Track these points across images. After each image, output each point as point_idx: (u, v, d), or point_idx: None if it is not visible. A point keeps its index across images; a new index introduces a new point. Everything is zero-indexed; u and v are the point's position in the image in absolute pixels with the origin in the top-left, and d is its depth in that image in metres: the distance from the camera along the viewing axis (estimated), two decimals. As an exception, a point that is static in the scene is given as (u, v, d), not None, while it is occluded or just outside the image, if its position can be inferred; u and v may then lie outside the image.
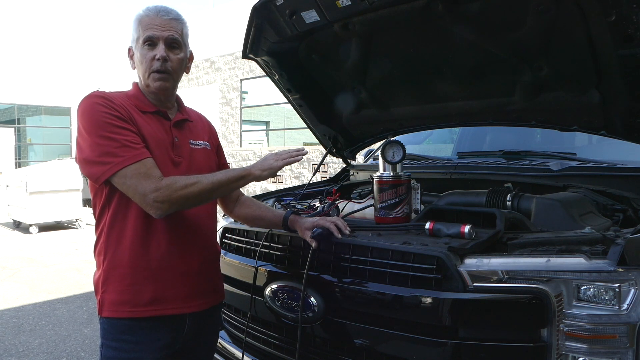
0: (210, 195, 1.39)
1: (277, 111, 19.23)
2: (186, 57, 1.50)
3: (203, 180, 1.33)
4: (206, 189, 1.33)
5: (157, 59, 1.39)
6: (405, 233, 1.58)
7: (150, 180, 1.28)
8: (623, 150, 2.06)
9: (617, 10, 1.40)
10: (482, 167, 2.22)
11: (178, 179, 1.31)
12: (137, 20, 1.43)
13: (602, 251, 1.22)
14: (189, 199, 1.32)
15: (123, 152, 1.28)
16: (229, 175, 1.38)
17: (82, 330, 3.88)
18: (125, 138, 1.30)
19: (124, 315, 1.37)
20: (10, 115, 19.68)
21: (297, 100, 2.46)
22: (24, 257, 6.60)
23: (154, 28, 1.39)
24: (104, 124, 1.30)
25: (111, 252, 1.38)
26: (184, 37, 1.47)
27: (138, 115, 1.40)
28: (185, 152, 1.47)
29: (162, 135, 1.43)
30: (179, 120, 1.51)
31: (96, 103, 1.33)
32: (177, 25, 1.44)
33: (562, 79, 1.83)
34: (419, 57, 2.03)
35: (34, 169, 9.47)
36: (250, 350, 1.84)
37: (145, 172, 1.28)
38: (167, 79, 1.43)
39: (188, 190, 1.30)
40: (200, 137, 1.56)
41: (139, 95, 1.46)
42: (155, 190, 1.27)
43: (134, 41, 1.44)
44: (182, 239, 1.43)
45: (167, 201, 1.28)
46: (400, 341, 1.38)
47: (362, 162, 3.16)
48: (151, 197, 1.27)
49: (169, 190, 1.28)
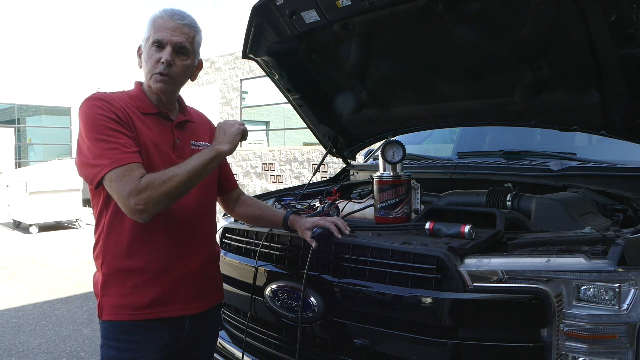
0: (190, 184, 1.33)
1: (277, 111, 19.22)
2: (193, 65, 1.48)
3: (178, 171, 1.28)
4: (184, 179, 1.28)
5: (162, 62, 1.38)
6: (405, 233, 1.58)
7: (131, 183, 1.24)
8: (623, 150, 2.06)
9: (617, 10, 1.40)
10: (482, 167, 2.22)
11: (154, 176, 1.26)
12: (151, 20, 1.41)
13: (602, 251, 1.22)
14: (170, 194, 1.27)
15: (112, 155, 1.26)
16: (202, 160, 1.33)
17: (82, 330, 3.88)
18: (117, 141, 1.28)
19: (125, 319, 1.36)
20: (10, 115, 19.68)
21: (297, 100, 2.46)
22: (24, 257, 6.60)
23: (164, 31, 1.38)
24: (99, 126, 1.29)
25: (110, 255, 1.38)
26: (194, 45, 1.44)
27: (137, 118, 1.39)
28: (187, 154, 1.46)
29: (163, 137, 1.43)
30: (181, 121, 1.50)
31: (94, 105, 1.32)
32: (189, 32, 1.42)
33: (562, 79, 1.83)
34: (419, 57, 2.03)
35: (34, 169, 9.48)
36: (250, 350, 1.84)
37: (128, 176, 1.24)
38: (168, 82, 1.41)
39: (168, 186, 1.25)
40: (201, 138, 1.56)
41: (141, 96, 1.45)
42: (136, 192, 1.23)
43: (145, 40, 1.43)
44: (182, 240, 1.42)
45: (150, 202, 1.24)
46: (400, 341, 1.38)
47: (362, 162, 3.16)
48: (132, 201, 1.23)
49: (149, 191, 1.23)
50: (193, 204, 1.45)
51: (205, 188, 1.50)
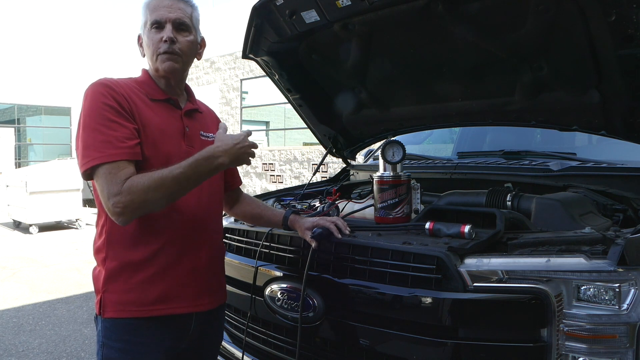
0: (180, 193, 1.26)
1: (277, 111, 19.23)
2: (196, 41, 1.43)
3: (167, 178, 1.19)
4: (172, 188, 1.21)
5: (165, 41, 1.33)
6: (405, 233, 1.58)
7: (115, 184, 1.18)
8: (623, 150, 2.06)
9: (617, 10, 1.40)
10: (482, 167, 2.22)
11: (139, 180, 1.18)
12: (145, 4, 1.37)
13: (602, 251, 1.22)
14: (153, 202, 1.21)
15: (102, 149, 1.20)
16: (198, 170, 1.24)
17: (82, 330, 3.88)
18: (113, 133, 1.22)
19: (130, 315, 1.30)
20: (10, 115, 19.68)
21: (297, 100, 2.46)
22: (24, 257, 6.60)
23: (160, 10, 1.34)
24: (97, 115, 1.24)
25: (115, 247, 1.31)
26: (193, 21, 1.40)
27: (145, 104, 1.33)
28: (197, 143, 1.41)
29: (172, 123, 1.38)
30: (190, 110, 1.46)
31: (97, 91, 1.27)
32: (185, 8, 1.38)
33: (562, 79, 1.83)
34: (419, 57, 2.03)
35: (34, 169, 9.47)
36: (250, 350, 1.84)
37: (114, 175, 1.19)
38: (177, 60, 1.36)
39: (149, 195, 1.19)
40: (209, 129, 1.51)
41: (149, 81, 1.40)
42: (116, 194, 1.17)
43: (142, 26, 1.39)
44: (191, 234, 1.38)
45: (129, 207, 1.18)
46: (400, 341, 1.38)
47: (362, 162, 3.16)
48: (111, 202, 1.18)
49: (129, 195, 1.17)
50: (204, 196, 1.41)
51: (215, 182, 1.47)
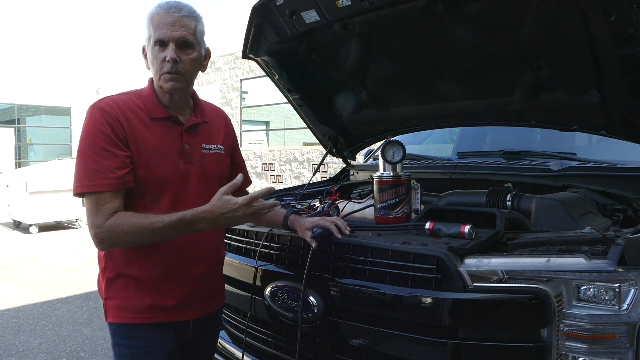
0: (159, 241, 1.35)
1: (277, 111, 19.22)
2: (201, 56, 1.43)
3: (147, 229, 1.26)
4: (150, 238, 1.30)
5: (168, 61, 1.34)
6: (405, 233, 1.58)
7: (99, 215, 1.26)
8: (623, 150, 2.06)
9: (617, 10, 1.40)
10: (482, 167, 2.21)
11: (122, 221, 1.26)
12: (148, 18, 1.37)
13: (602, 251, 1.22)
14: (131, 244, 1.31)
15: (92, 177, 1.27)
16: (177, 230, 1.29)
17: (82, 330, 3.88)
18: (104, 162, 1.27)
19: (129, 321, 1.39)
20: (10, 115, 19.68)
21: (297, 100, 2.46)
22: (24, 257, 6.60)
23: (164, 28, 1.33)
24: (91, 140, 1.29)
25: (112, 262, 1.39)
26: (197, 35, 1.39)
27: (143, 125, 1.35)
28: (196, 159, 1.43)
29: (171, 142, 1.39)
30: (192, 125, 1.45)
31: (94, 117, 1.31)
32: (189, 23, 1.36)
33: (562, 79, 1.83)
34: (419, 57, 2.03)
35: (34, 169, 9.48)
36: (250, 350, 1.84)
37: (101, 207, 1.26)
38: (179, 80, 1.37)
39: (128, 239, 1.28)
40: (214, 140, 1.51)
41: (152, 97, 1.41)
42: (98, 227, 1.26)
43: (147, 40, 1.39)
44: (188, 246, 1.41)
45: (107, 241, 1.28)
46: (400, 341, 1.38)
47: (362, 162, 3.16)
48: (93, 232, 1.27)
49: (110, 233, 1.26)
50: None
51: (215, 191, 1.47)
